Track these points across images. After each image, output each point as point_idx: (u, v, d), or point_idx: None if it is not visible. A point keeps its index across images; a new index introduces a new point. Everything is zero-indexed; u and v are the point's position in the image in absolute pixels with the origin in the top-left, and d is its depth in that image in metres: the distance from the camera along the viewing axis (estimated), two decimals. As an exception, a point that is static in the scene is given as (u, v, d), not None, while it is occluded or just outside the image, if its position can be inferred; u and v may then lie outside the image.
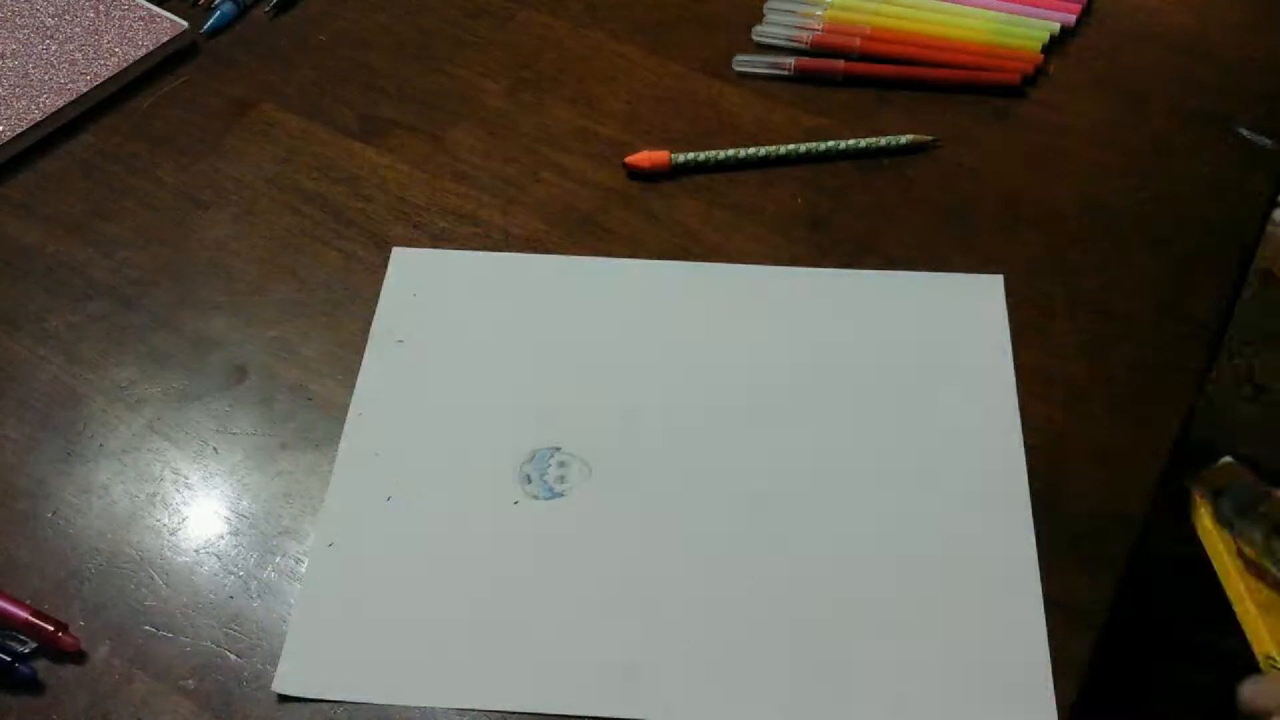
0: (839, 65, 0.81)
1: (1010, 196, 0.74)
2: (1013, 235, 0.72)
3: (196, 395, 0.66)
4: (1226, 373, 1.26)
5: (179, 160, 0.78)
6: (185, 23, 0.84)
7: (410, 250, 0.72)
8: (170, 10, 0.85)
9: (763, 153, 0.76)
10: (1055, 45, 0.83)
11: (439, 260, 0.71)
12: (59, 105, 0.79)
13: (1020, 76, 0.80)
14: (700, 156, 0.76)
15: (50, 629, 0.56)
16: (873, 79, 0.81)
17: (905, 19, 0.84)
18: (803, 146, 0.76)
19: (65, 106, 0.79)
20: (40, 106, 0.79)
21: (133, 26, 0.84)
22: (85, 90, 0.80)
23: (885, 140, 0.76)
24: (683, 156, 0.76)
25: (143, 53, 0.82)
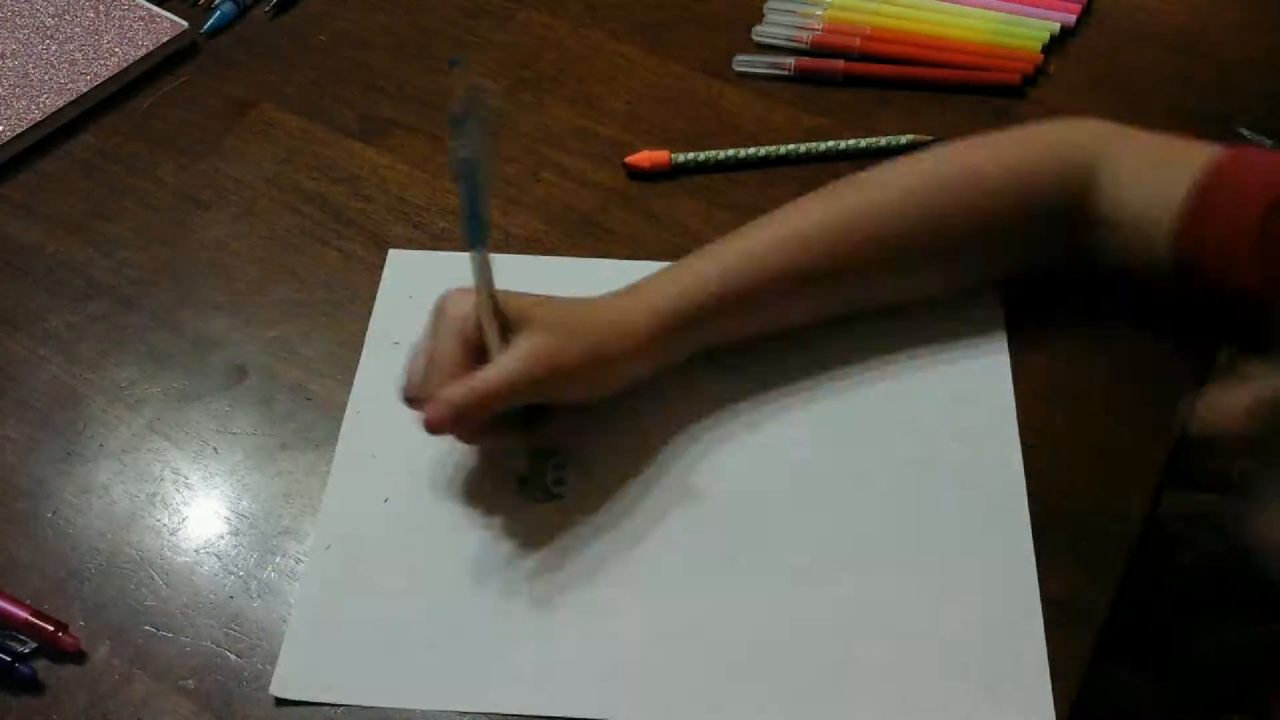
0: (839, 65, 0.81)
1: (1010, 196, 0.74)
2: (1012, 235, 0.72)
3: (196, 395, 0.66)
4: (1226, 373, 1.26)
5: (179, 160, 0.78)
6: (185, 23, 0.84)
7: (406, 252, 0.72)
8: (170, 10, 0.85)
9: (763, 153, 0.76)
10: (1055, 45, 0.83)
11: (435, 262, 0.71)
12: (59, 105, 0.79)
13: (1020, 76, 0.80)
14: (700, 156, 0.76)
15: (50, 629, 0.56)
16: (873, 79, 0.81)
17: (905, 19, 0.84)
18: (803, 146, 0.76)
19: (65, 106, 0.79)
20: (40, 106, 0.79)
21: (133, 26, 0.84)
22: (85, 90, 0.80)
23: (885, 140, 0.76)
24: (683, 156, 0.75)
25: (143, 53, 0.82)
